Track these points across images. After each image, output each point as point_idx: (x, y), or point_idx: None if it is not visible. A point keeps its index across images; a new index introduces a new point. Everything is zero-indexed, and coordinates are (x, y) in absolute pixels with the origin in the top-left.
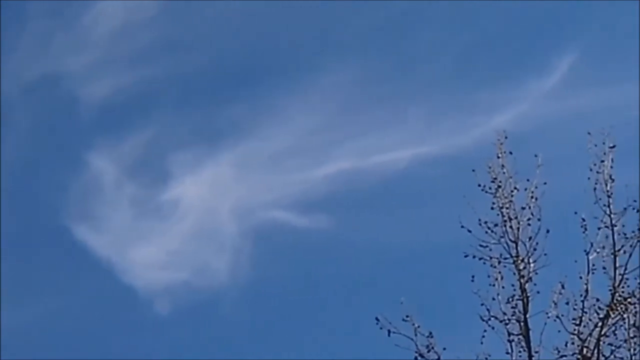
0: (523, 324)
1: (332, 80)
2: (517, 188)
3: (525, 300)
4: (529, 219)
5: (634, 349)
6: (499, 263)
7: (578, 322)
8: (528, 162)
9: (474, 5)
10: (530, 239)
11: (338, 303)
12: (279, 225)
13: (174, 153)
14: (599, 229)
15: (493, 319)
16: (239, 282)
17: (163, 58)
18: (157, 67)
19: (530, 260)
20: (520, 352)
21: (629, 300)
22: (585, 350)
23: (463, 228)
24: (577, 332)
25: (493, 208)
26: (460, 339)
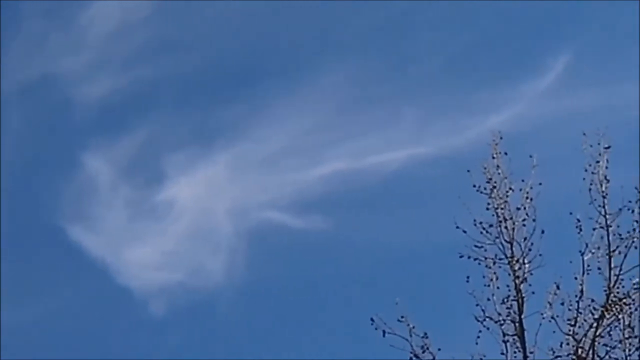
0: (518, 325)
1: (327, 81)
2: (512, 188)
3: (520, 301)
4: (524, 220)
5: (629, 350)
6: (494, 264)
7: (573, 322)
8: (523, 162)
9: (469, 6)
10: (525, 240)
11: (333, 304)
12: (274, 226)
13: (169, 153)
14: (594, 230)
15: (488, 320)
16: (234, 282)
17: (158, 59)
18: (152, 67)
19: (525, 261)
20: (515, 352)
21: (624, 301)
22: (580, 351)
23: (458, 228)
24: (572, 332)
25: (488, 209)
26: (455, 340)
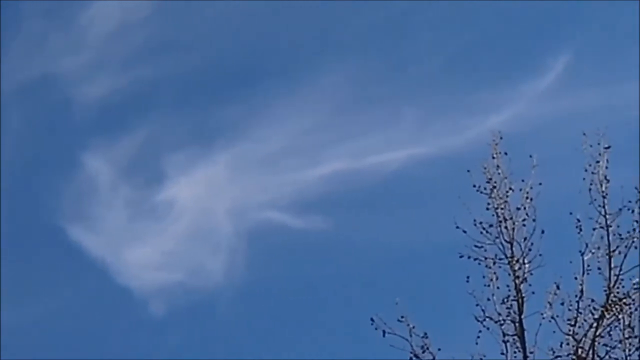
0: (518, 325)
1: (327, 81)
2: (512, 188)
3: (520, 301)
4: (524, 220)
5: (629, 350)
6: (494, 264)
7: (573, 322)
8: (523, 162)
9: (469, 6)
10: (525, 240)
11: (333, 304)
12: (274, 226)
13: (169, 153)
14: (594, 230)
15: (488, 320)
16: (234, 282)
17: (158, 59)
18: (152, 67)
19: (525, 261)
20: (515, 352)
21: (624, 301)
22: (580, 351)
23: (458, 229)
24: (572, 332)
25: (488, 209)
26: (455, 340)
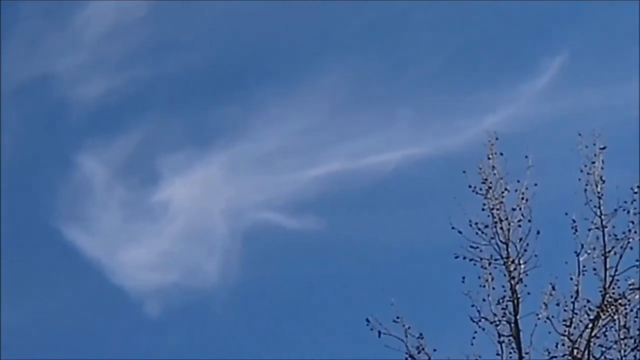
0: (513, 325)
1: (322, 82)
2: (507, 189)
3: (516, 302)
4: (520, 220)
5: (625, 350)
6: (490, 264)
7: (568, 323)
8: (519, 163)
9: (465, 7)
10: (521, 240)
11: (329, 304)
12: (270, 227)
13: (165, 154)
14: (590, 230)
15: (483, 320)
16: (230, 283)
17: (154, 59)
18: (148, 68)
19: (521, 262)
20: (511, 353)
21: (620, 302)
22: (576, 352)
23: (454, 229)
24: (567, 333)
25: (484, 209)
26: (451, 340)
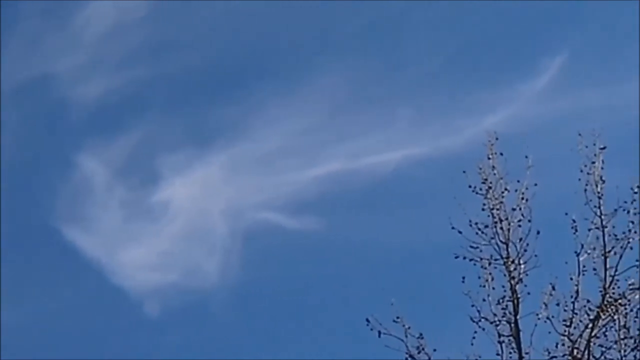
0: (513, 325)
1: (322, 82)
2: (507, 189)
3: (516, 302)
4: (520, 220)
5: (625, 350)
6: (490, 264)
7: (568, 323)
8: (519, 163)
9: (464, 7)
10: (521, 240)
11: (328, 304)
12: (270, 227)
13: (165, 154)
14: (590, 230)
15: (483, 320)
16: (229, 283)
17: (154, 59)
18: (148, 68)
19: (521, 262)
20: (511, 353)
21: (620, 302)
22: (576, 352)
23: (454, 229)
24: (567, 333)
25: (484, 209)
26: (451, 340)
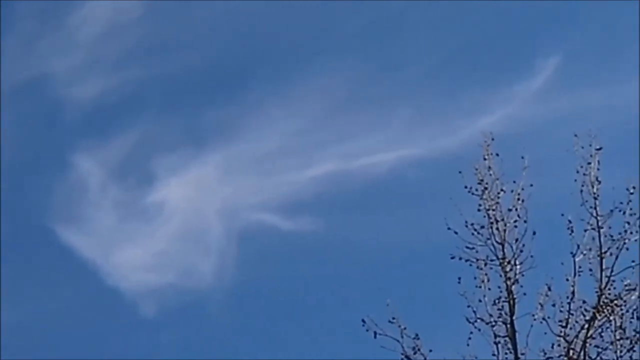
0: (509, 326)
1: (318, 83)
2: (503, 190)
3: (512, 302)
4: (516, 221)
5: (621, 351)
6: (485, 265)
7: (564, 324)
8: (514, 164)
9: (461, 8)
10: (517, 241)
11: (324, 305)
12: (265, 227)
13: (160, 155)
14: (586, 231)
15: (479, 321)
16: (225, 284)
17: (150, 59)
18: (143, 68)
19: (517, 262)
20: (507, 354)
21: (616, 302)
22: (572, 352)
23: (449, 230)
24: (563, 334)
25: (479, 210)
26: (447, 341)
